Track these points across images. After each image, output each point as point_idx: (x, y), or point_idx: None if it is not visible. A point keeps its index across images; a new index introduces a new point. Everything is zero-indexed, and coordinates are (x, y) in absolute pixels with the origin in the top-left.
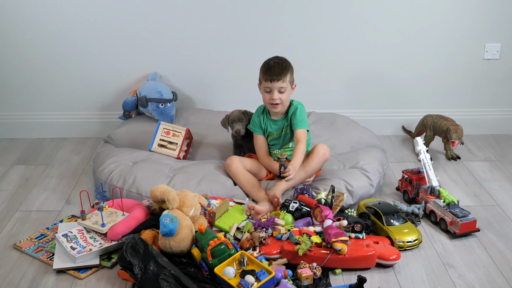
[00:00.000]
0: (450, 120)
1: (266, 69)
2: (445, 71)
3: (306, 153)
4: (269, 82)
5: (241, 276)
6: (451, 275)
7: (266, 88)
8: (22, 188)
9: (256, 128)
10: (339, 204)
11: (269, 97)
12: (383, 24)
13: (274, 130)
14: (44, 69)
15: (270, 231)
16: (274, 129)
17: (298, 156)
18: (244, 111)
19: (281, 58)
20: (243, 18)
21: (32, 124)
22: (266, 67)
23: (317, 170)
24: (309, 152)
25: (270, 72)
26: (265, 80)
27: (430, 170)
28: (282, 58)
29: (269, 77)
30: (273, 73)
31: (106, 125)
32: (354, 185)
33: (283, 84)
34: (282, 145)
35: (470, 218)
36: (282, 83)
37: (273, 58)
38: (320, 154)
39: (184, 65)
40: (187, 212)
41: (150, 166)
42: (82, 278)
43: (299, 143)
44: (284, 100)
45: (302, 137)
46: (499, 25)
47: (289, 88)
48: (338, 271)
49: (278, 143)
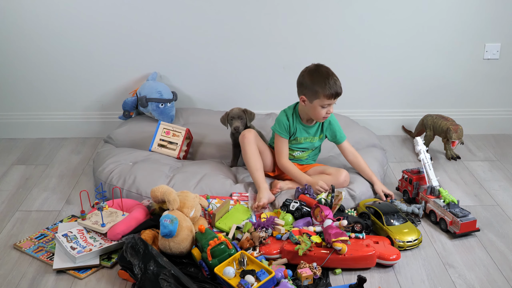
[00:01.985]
0: (450, 120)
1: (330, 86)
2: (445, 71)
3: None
4: (333, 99)
5: (241, 276)
6: (451, 275)
7: (324, 105)
8: (22, 188)
9: (283, 131)
10: (338, 203)
11: (325, 111)
12: (383, 24)
13: (303, 136)
14: (44, 69)
15: (270, 231)
16: (303, 135)
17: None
18: (245, 109)
19: (327, 68)
20: (243, 18)
21: (32, 124)
22: (327, 83)
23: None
24: (331, 171)
25: (336, 88)
26: (328, 98)
27: (430, 170)
28: (327, 67)
29: (333, 94)
30: (338, 88)
31: (106, 125)
32: (357, 190)
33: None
34: (306, 150)
35: (470, 218)
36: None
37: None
38: (340, 180)
39: (184, 65)
40: (187, 213)
41: (150, 166)
42: (82, 278)
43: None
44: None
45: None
46: (499, 25)
47: None
48: (338, 271)
49: (300, 149)
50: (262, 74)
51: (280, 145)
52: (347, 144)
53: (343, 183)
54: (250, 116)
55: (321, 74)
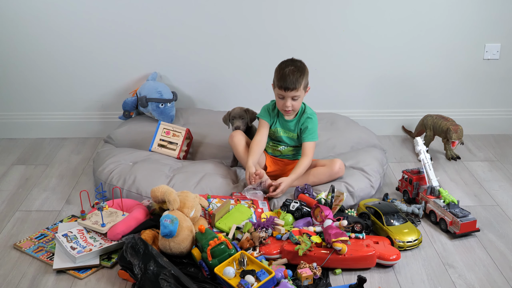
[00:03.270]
0: (450, 120)
1: (281, 76)
2: (445, 71)
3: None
4: (283, 90)
5: (241, 276)
6: (451, 275)
7: (279, 95)
8: (22, 188)
9: (264, 115)
10: (338, 204)
11: (282, 103)
12: (383, 25)
13: (282, 128)
14: (44, 69)
15: (270, 231)
16: (282, 127)
17: (298, 171)
18: (246, 109)
19: (297, 63)
20: (243, 19)
21: (32, 124)
22: (281, 74)
23: (325, 181)
24: (325, 162)
25: (286, 81)
26: (279, 88)
27: (430, 170)
28: (298, 63)
29: (283, 86)
30: (288, 82)
31: (106, 125)
32: (355, 186)
33: (297, 93)
34: (288, 145)
35: (470, 218)
36: (296, 92)
37: (288, 64)
38: (334, 170)
39: (184, 65)
40: (187, 213)
41: (150, 166)
42: (82, 278)
43: (304, 157)
44: (297, 107)
45: (309, 151)
46: (499, 25)
47: (302, 94)
48: (338, 271)
49: (283, 143)
50: (262, 74)
51: (259, 127)
52: (308, 145)
53: (339, 171)
54: (252, 116)
55: (283, 66)
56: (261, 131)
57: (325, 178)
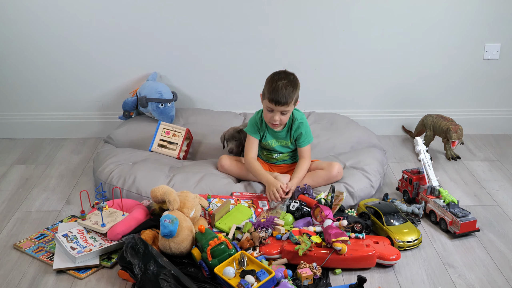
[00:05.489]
0: (450, 120)
1: (273, 89)
2: (445, 71)
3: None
4: (273, 104)
5: (241, 276)
6: (451, 275)
7: (268, 108)
8: (22, 188)
9: (252, 130)
10: (338, 204)
11: (270, 116)
12: (383, 24)
13: (274, 139)
14: (44, 69)
15: (270, 231)
16: (273, 138)
17: (299, 175)
18: (240, 130)
19: (290, 77)
20: (243, 19)
21: (32, 124)
22: (273, 87)
23: (323, 184)
24: (324, 165)
25: (277, 94)
26: (270, 100)
27: (430, 170)
28: (291, 77)
29: (274, 99)
30: (280, 96)
31: (106, 125)
32: (355, 186)
33: (287, 108)
34: (283, 153)
35: (470, 218)
36: (287, 107)
37: (282, 77)
38: (333, 173)
39: (184, 65)
40: (187, 214)
41: (150, 166)
42: (82, 278)
43: (303, 160)
44: (285, 121)
45: (306, 154)
46: (499, 25)
47: (292, 108)
48: (338, 271)
49: (277, 151)
50: (262, 74)
51: (249, 143)
52: (305, 149)
53: (337, 175)
54: (245, 135)
55: (275, 78)
56: (252, 148)
57: (323, 181)
